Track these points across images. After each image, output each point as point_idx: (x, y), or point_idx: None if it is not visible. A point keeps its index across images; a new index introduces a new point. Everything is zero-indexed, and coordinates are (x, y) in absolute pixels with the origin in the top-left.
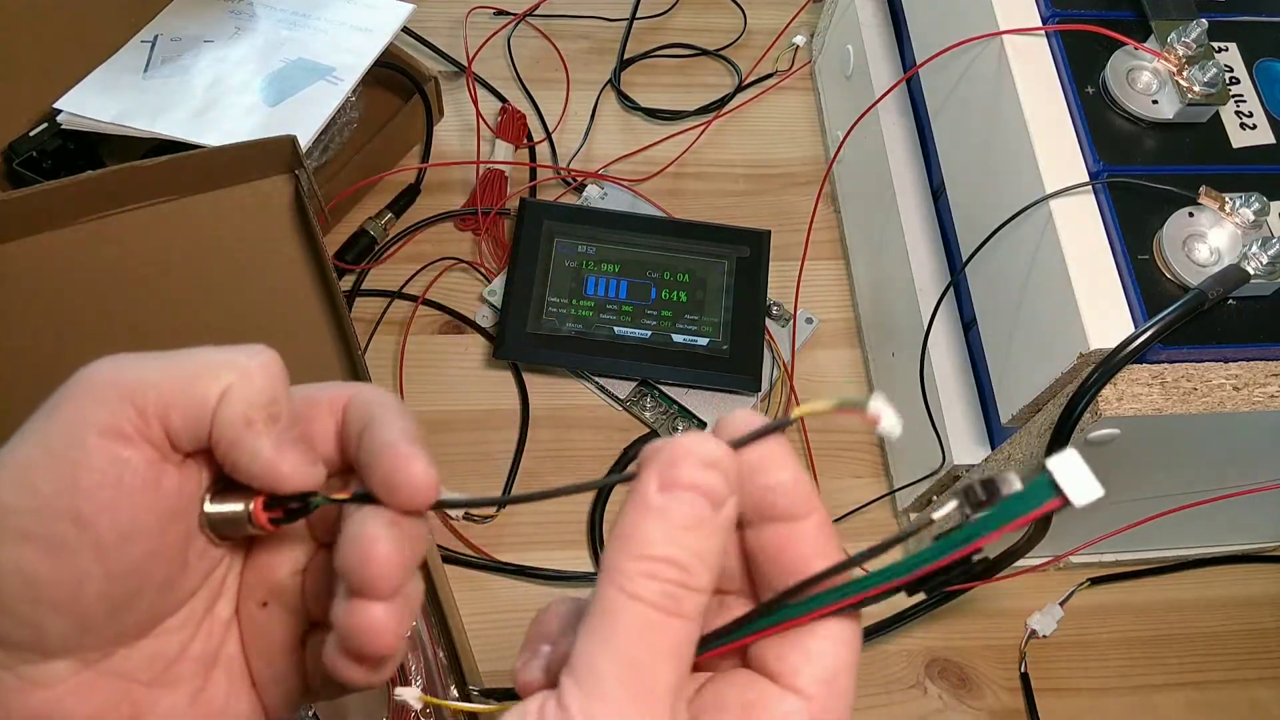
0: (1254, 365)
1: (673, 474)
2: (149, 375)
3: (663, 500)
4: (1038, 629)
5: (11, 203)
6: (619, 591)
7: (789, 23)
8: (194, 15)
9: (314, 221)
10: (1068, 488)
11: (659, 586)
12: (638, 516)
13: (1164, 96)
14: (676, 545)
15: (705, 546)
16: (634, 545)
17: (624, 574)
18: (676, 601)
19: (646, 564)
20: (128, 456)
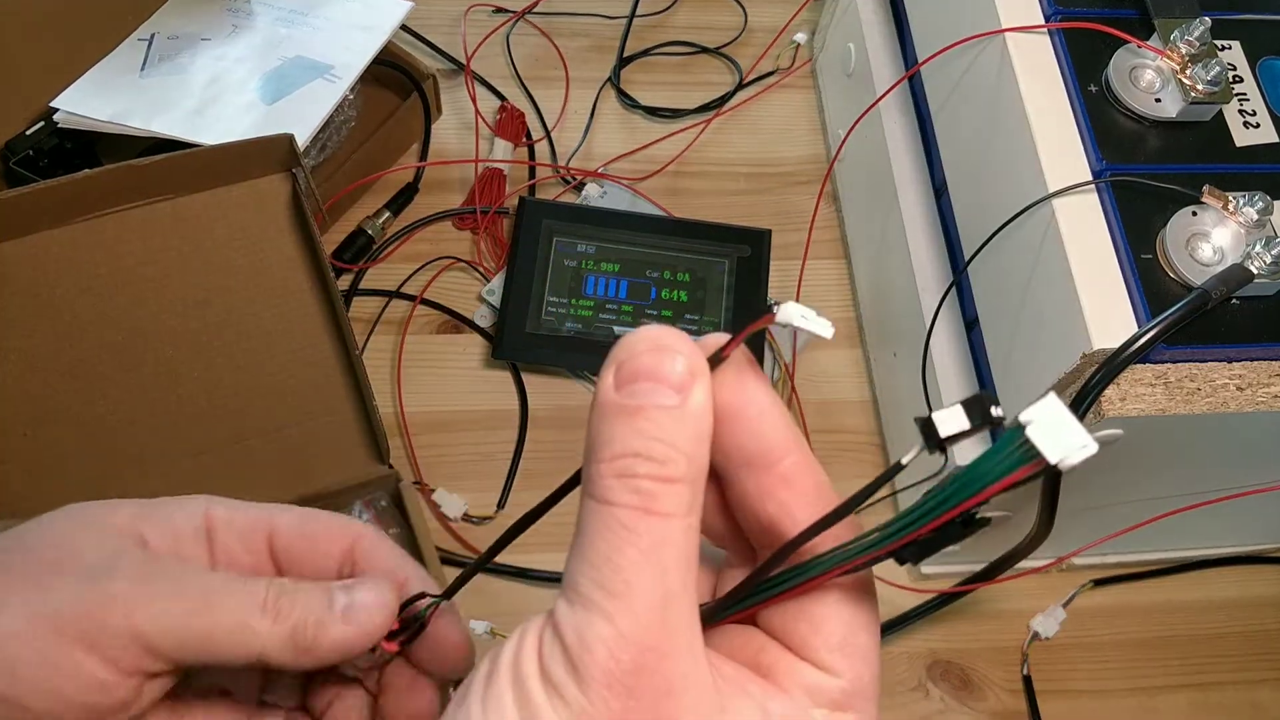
0: (1258, 365)
1: (628, 367)
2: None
3: (619, 395)
4: (1040, 631)
5: (8, 202)
6: (590, 499)
7: (790, 20)
8: (191, 13)
9: (311, 220)
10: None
11: (628, 483)
12: (598, 418)
13: (1167, 95)
14: (641, 438)
15: (675, 435)
16: (598, 449)
17: (592, 481)
18: (651, 498)
19: (613, 464)
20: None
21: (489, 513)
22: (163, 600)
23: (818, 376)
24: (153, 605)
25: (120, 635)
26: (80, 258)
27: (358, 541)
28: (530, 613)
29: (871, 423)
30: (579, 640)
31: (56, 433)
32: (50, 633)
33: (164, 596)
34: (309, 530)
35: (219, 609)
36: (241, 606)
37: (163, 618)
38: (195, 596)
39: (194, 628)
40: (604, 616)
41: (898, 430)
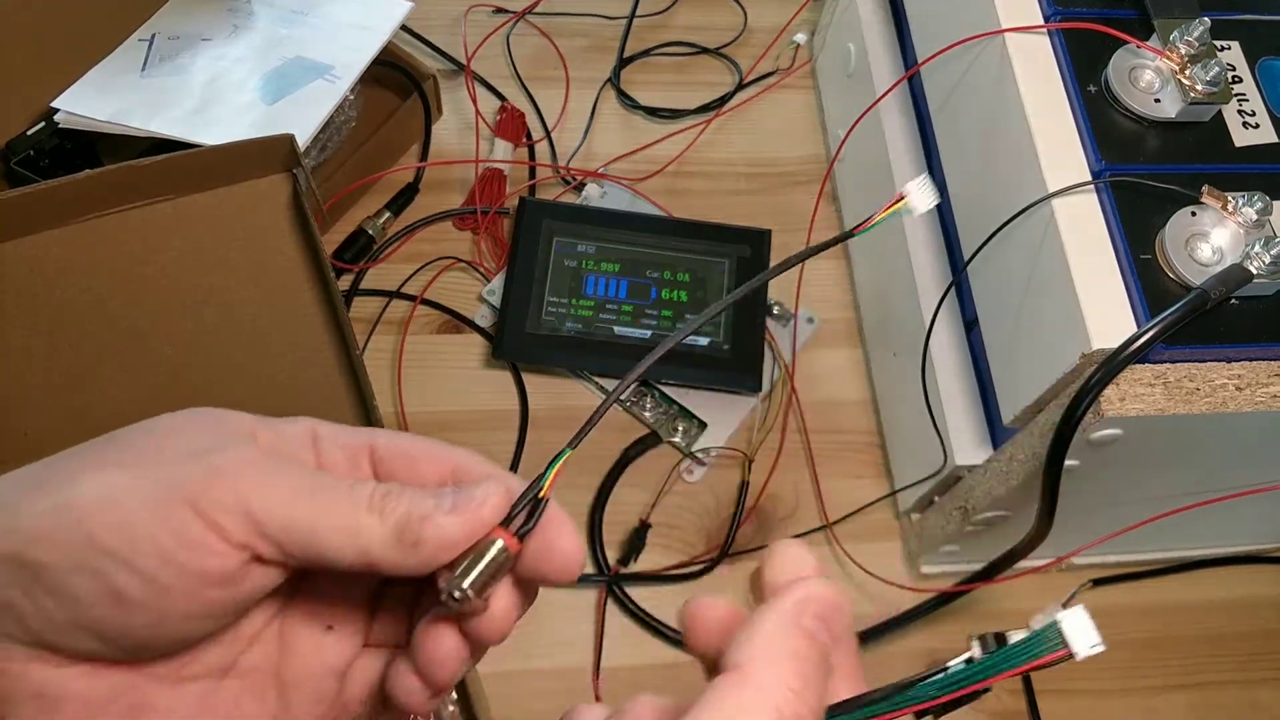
0: (1257, 365)
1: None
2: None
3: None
4: None
5: (8, 202)
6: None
7: (790, 21)
8: (192, 13)
9: (312, 220)
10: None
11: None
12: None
13: (1166, 95)
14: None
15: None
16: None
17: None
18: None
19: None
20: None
21: None
22: (272, 483)
23: (818, 376)
24: (261, 485)
25: (227, 505)
26: (81, 258)
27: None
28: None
29: (871, 423)
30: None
31: (57, 432)
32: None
33: (273, 480)
34: (409, 450)
35: (326, 499)
36: (348, 500)
37: (271, 497)
38: (303, 486)
39: (300, 513)
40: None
41: (897, 430)
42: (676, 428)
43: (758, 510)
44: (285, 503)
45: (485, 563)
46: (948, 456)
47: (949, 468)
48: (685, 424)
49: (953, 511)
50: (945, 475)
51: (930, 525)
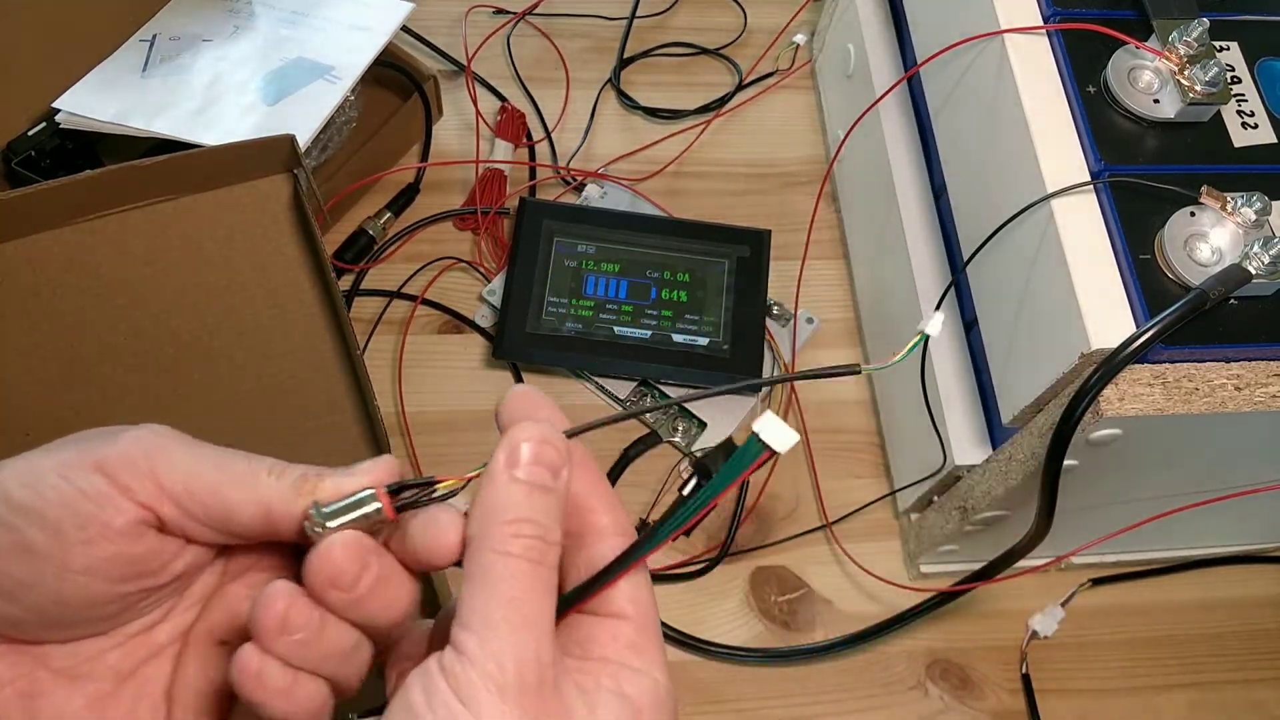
0: (1256, 365)
1: (518, 453)
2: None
3: (517, 473)
4: (1039, 630)
5: (9, 202)
6: (493, 552)
7: (789, 21)
8: (193, 14)
9: (313, 221)
10: (772, 440)
11: (524, 542)
12: (497, 489)
13: (1165, 96)
14: (533, 508)
15: (554, 507)
16: (497, 513)
17: (494, 537)
18: (540, 553)
19: (511, 526)
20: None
21: None
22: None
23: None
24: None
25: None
26: (82, 258)
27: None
28: None
29: (870, 423)
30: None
31: (57, 433)
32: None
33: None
34: None
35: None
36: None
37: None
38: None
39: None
40: (516, 640)
41: (896, 430)
42: (676, 428)
43: (758, 510)
44: (190, 467)
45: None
46: (947, 456)
47: (948, 468)
48: (685, 424)
49: (952, 511)
50: (944, 475)
51: (929, 525)
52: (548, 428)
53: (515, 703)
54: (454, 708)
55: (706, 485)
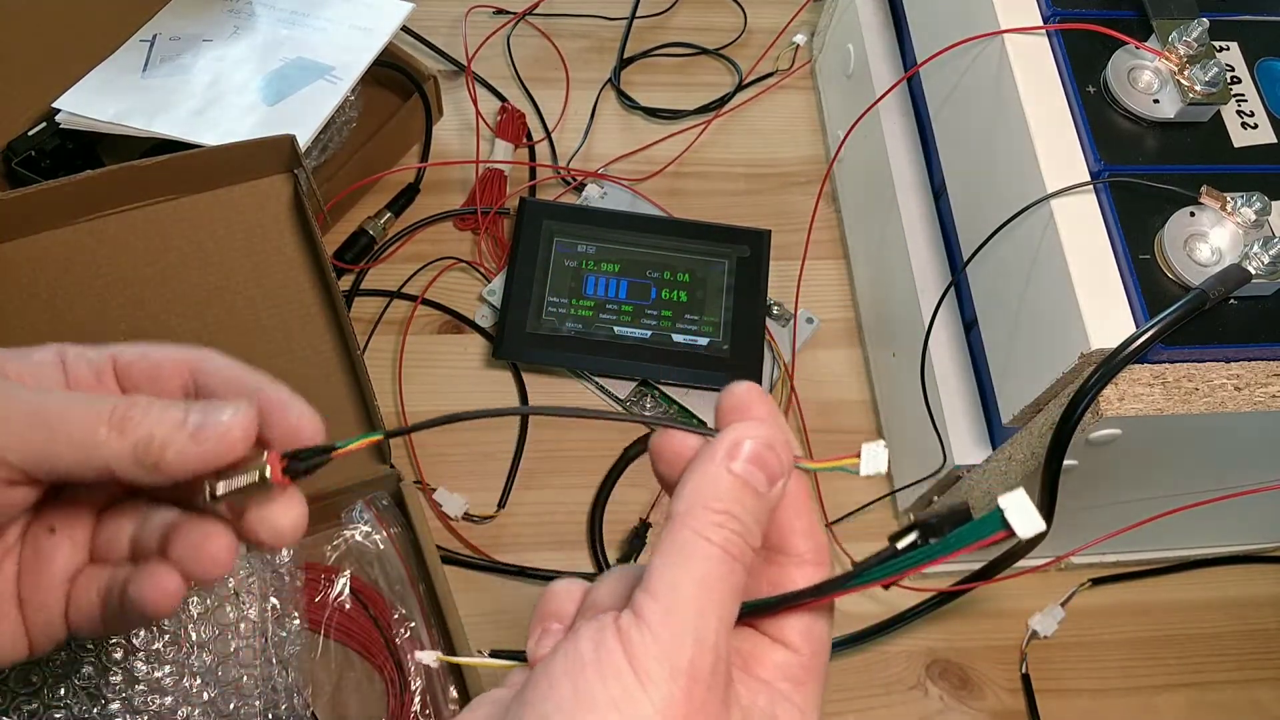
0: (1255, 365)
1: (750, 451)
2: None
3: (734, 466)
4: (1039, 629)
5: (10, 202)
6: (695, 533)
7: (789, 21)
8: (193, 14)
9: (313, 221)
10: (1016, 523)
11: (728, 534)
12: (712, 474)
13: (1165, 96)
14: (741, 505)
15: (761, 513)
16: (706, 498)
17: (699, 519)
18: (740, 550)
19: (718, 515)
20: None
21: (490, 512)
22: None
23: (817, 376)
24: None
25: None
26: (82, 258)
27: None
28: (529, 611)
29: (870, 423)
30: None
31: None
32: None
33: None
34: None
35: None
36: (86, 419)
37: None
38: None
39: (36, 434)
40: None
41: (896, 430)
42: None
43: None
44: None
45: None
46: (947, 456)
47: (948, 467)
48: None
49: None
50: (944, 475)
51: None
52: (778, 433)
53: (684, 687)
54: (623, 670)
55: (928, 546)
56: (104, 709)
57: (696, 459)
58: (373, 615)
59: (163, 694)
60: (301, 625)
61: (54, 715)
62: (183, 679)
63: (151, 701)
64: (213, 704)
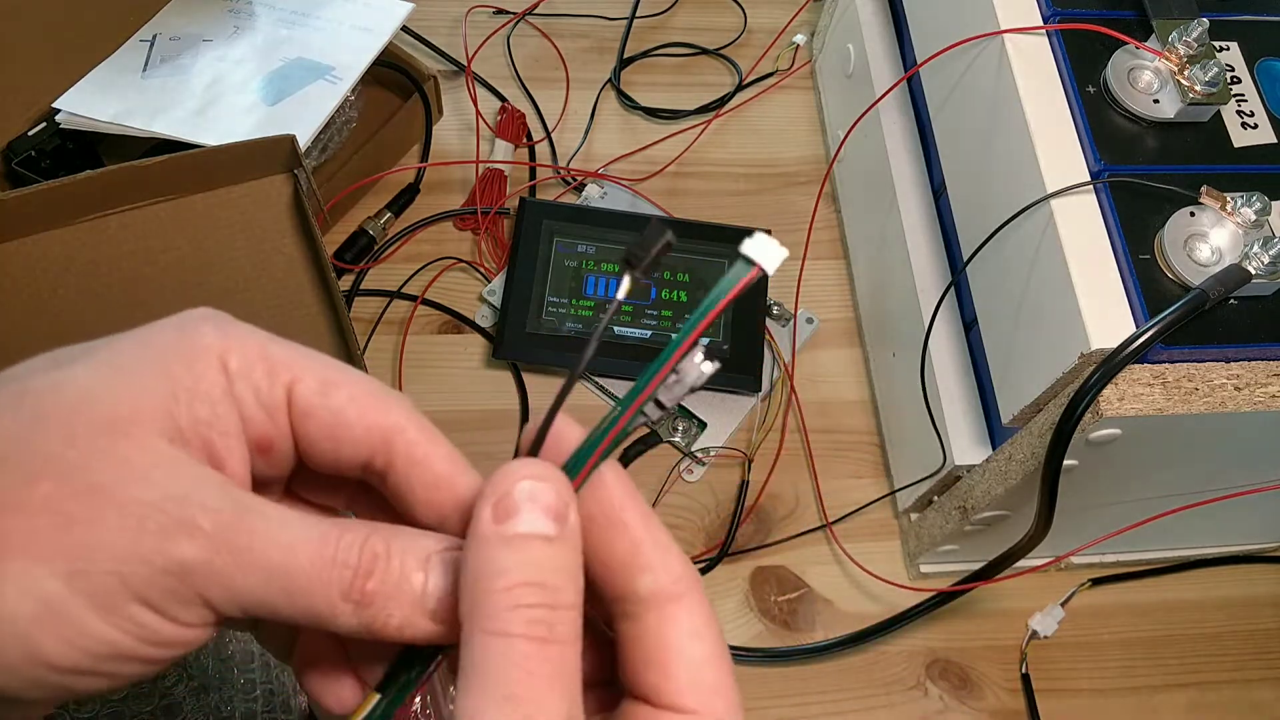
0: (1255, 365)
1: (506, 501)
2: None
3: (502, 527)
4: (1039, 629)
5: (10, 202)
6: (485, 634)
7: (789, 22)
8: (193, 14)
9: (313, 221)
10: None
11: (525, 614)
12: (479, 551)
13: (1165, 96)
14: (532, 567)
15: (561, 561)
16: (485, 581)
17: (485, 614)
18: (548, 627)
19: (505, 596)
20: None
21: None
22: (239, 576)
23: (817, 376)
24: (230, 580)
25: (183, 599)
26: (82, 258)
27: (392, 438)
28: None
29: (870, 422)
30: None
31: None
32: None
33: (234, 567)
34: (337, 414)
35: (298, 594)
36: (324, 588)
37: (235, 588)
38: (275, 574)
39: (271, 605)
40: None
41: (897, 430)
42: (676, 427)
43: (757, 510)
44: (249, 595)
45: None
46: (947, 456)
47: (948, 467)
48: (685, 424)
49: (952, 511)
50: (944, 475)
51: (929, 525)
52: (537, 462)
53: None
54: None
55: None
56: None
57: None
58: None
59: (161, 695)
60: None
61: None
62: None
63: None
64: (211, 706)
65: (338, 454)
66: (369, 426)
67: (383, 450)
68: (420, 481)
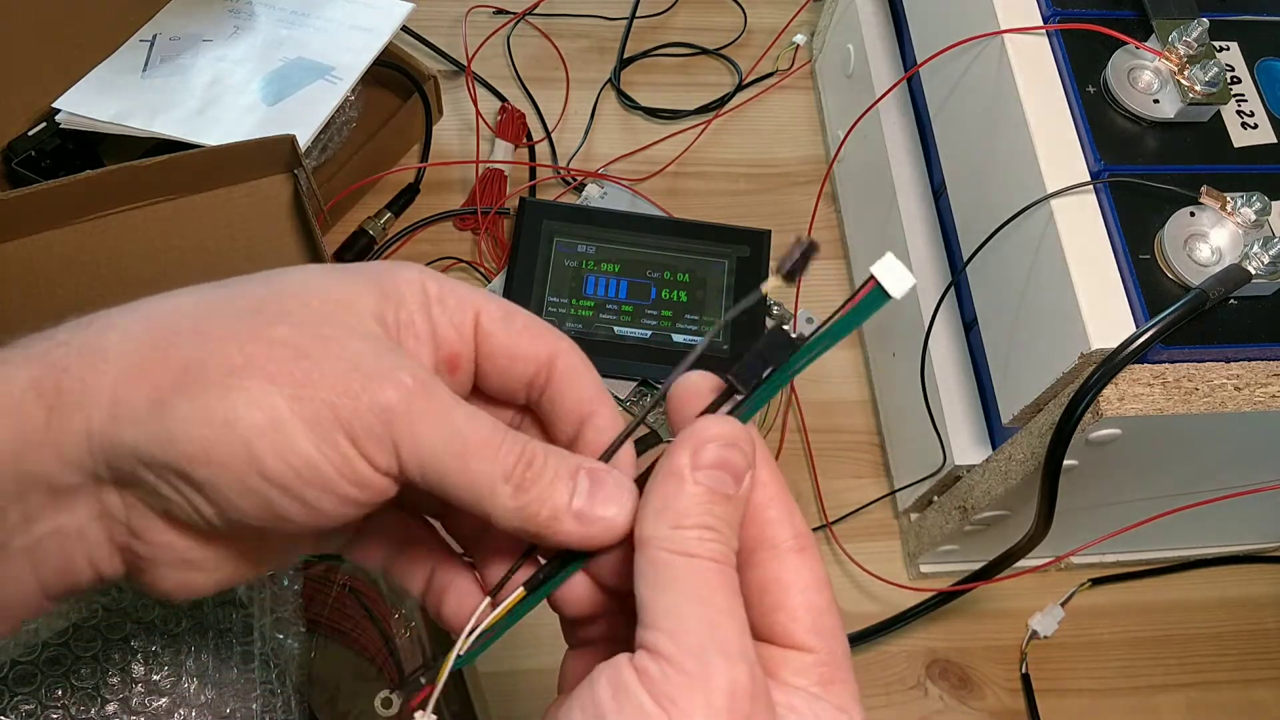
0: (1255, 365)
1: (708, 455)
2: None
3: (699, 476)
4: (1039, 629)
5: (10, 202)
6: (675, 554)
7: (789, 21)
8: (193, 14)
9: (313, 221)
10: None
11: (711, 546)
12: (677, 491)
13: (1165, 96)
14: (713, 515)
15: (735, 516)
16: (677, 516)
17: (675, 541)
18: (725, 555)
19: (694, 532)
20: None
21: None
22: (420, 425)
23: (817, 376)
24: (411, 427)
25: (378, 438)
26: (82, 258)
27: (557, 357)
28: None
29: (870, 423)
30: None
31: None
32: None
33: (421, 423)
34: (515, 336)
35: (469, 456)
36: (490, 467)
37: (419, 441)
38: (450, 435)
39: (442, 465)
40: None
41: (897, 430)
42: None
43: None
44: (430, 450)
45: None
46: (947, 456)
47: (948, 467)
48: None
49: (952, 511)
50: (944, 475)
51: (929, 525)
52: (735, 426)
53: (725, 707)
54: (650, 712)
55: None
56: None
57: (657, 472)
58: (373, 615)
59: (160, 695)
60: (300, 626)
61: (51, 715)
62: (180, 680)
63: (149, 703)
64: (210, 705)
65: (511, 370)
66: (538, 347)
67: (546, 367)
68: (572, 397)
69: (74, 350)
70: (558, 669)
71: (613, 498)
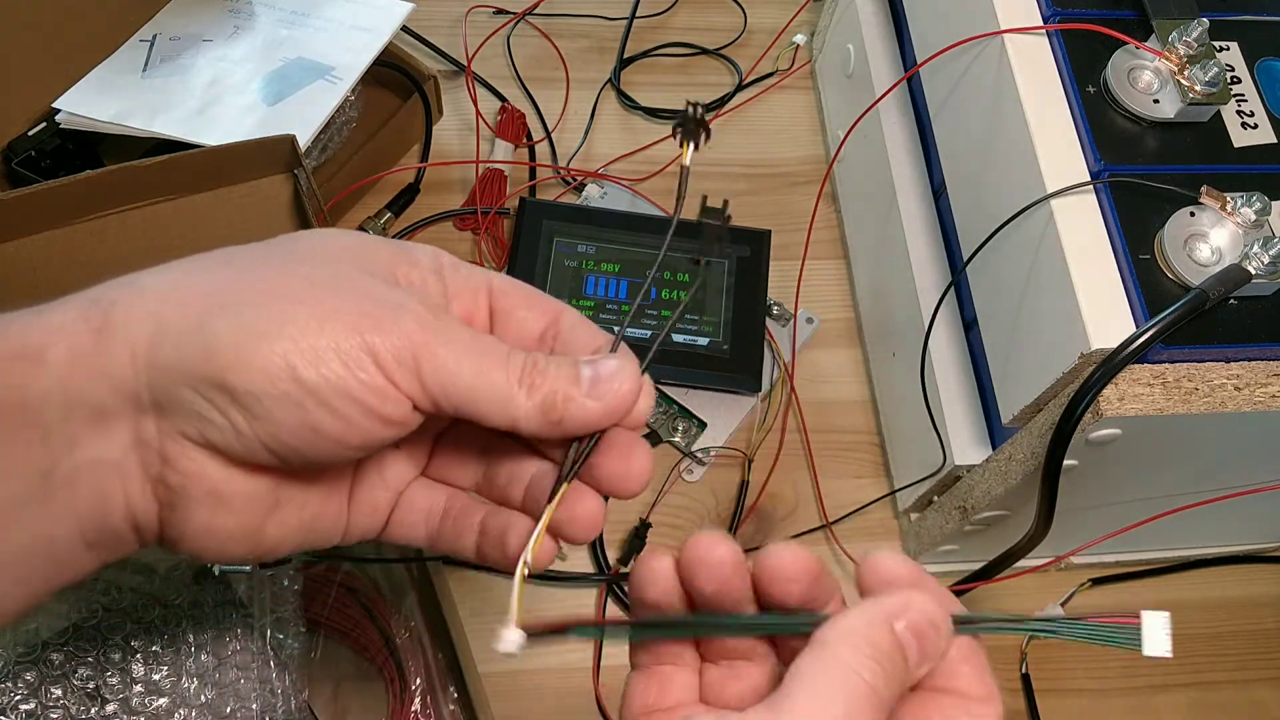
0: (1255, 365)
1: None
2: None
3: (898, 625)
4: None
5: (10, 202)
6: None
7: (789, 22)
8: (193, 14)
9: (313, 221)
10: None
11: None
12: (867, 622)
13: (1165, 96)
14: (891, 663)
15: (902, 682)
16: (861, 640)
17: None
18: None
19: (869, 661)
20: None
21: None
22: (437, 345)
23: (817, 376)
24: (429, 346)
25: (402, 359)
26: (82, 259)
27: (562, 313)
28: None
29: (870, 423)
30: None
31: None
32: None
33: (438, 342)
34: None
35: (484, 368)
36: (504, 372)
37: (437, 359)
38: (465, 351)
39: (461, 379)
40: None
41: (896, 430)
42: (676, 427)
43: (757, 510)
44: (448, 367)
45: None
46: (947, 456)
47: (948, 467)
48: (685, 424)
49: (952, 511)
50: (944, 475)
51: (929, 525)
52: (946, 616)
53: None
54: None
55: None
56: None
57: (861, 604)
58: (373, 615)
59: (160, 695)
60: (300, 625)
61: (51, 715)
62: (180, 680)
63: (149, 703)
64: (210, 705)
65: (526, 323)
66: (546, 305)
67: (554, 324)
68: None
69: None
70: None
71: (615, 373)
